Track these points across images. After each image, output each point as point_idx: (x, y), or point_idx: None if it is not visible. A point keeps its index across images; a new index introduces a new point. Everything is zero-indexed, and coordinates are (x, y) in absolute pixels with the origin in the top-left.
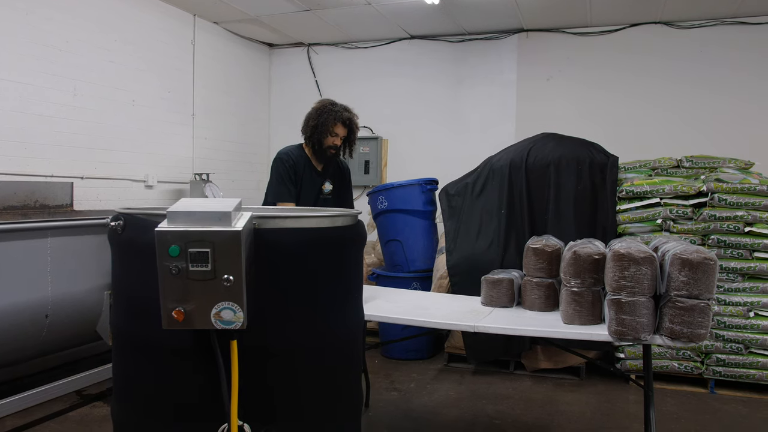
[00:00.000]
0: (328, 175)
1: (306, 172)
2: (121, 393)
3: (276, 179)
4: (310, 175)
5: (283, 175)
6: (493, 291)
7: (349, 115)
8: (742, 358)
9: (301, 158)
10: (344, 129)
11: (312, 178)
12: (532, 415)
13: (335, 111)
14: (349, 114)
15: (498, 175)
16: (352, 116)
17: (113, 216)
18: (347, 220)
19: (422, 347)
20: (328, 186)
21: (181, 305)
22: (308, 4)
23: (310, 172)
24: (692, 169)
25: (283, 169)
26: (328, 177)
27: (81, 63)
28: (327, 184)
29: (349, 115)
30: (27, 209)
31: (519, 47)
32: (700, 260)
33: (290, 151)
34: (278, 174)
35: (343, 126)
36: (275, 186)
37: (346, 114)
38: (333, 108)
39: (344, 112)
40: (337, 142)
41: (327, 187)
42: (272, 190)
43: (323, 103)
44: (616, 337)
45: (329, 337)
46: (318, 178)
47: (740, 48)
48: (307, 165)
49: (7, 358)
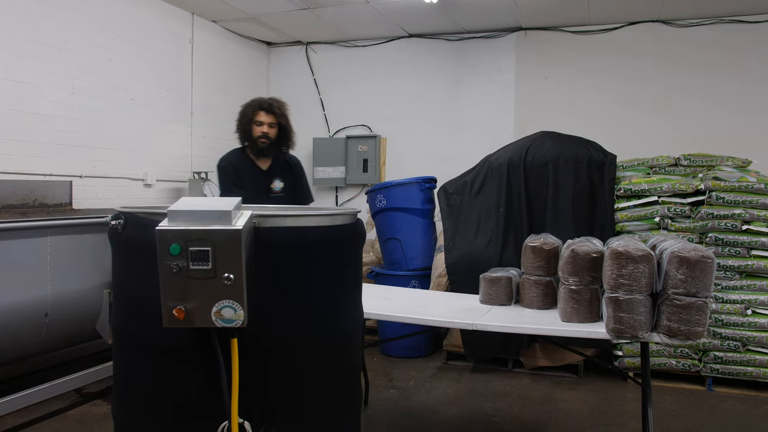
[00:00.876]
0: (277, 174)
1: (250, 173)
2: (121, 392)
3: (222, 188)
4: (254, 175)
5: (226, 183)
6: (492, 289)
7: (269, 100)
8: (739, 356)
9: (243, 161)
10: (267, 115)
11: (257, 178)
12: (531, 412)
13: (255, 100)
14: (269, 99)
15: (496, 173)
16: (273, 101)
17: (113, 215)
18: (347, 219)
19: (421, 345)
20: (278, 184)
21: (181, 304)
22: (307, 2)
23: (255, 173)
24: (690, 167)
25: (224, 176)
26: (276, 176)
27: (79, 62)
28: (276, 183)
29: (268, 100)
30: (26, 208)
31: (517, 46)
32: (698, 258)
33: (230, 156)
34: (222, 182)
35: (266, 112)
36: (222, 194)
37: (266, 99)
38: (253, 99)
39: (264, 99)
40: (264, 129)
41: (277, 185)
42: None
43: (247, 100)
44: (614, 334)
45: (329, 335)
46: (265, 178)
47: (738, 46)
48: (250, 166)
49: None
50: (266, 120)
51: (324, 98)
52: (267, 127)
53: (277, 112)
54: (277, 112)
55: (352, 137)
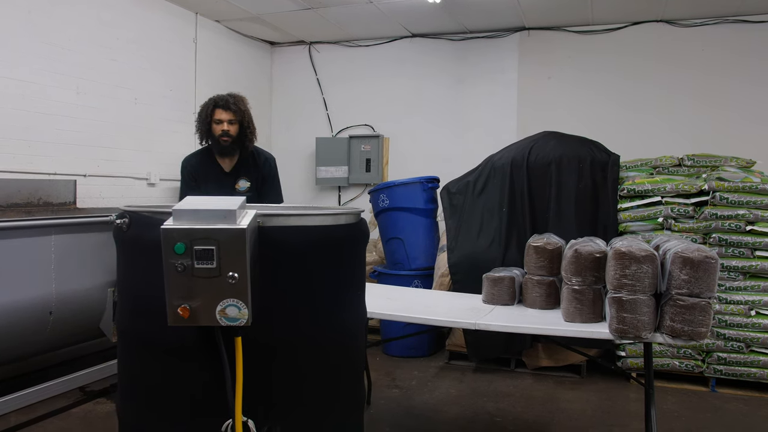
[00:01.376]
0: (242, 174)
1: (210, 173)
2: (126, 390)
3: (181, 189)
4: (216, 176)
5: (182, 184)
6: (495, 289)
7: (225, 96)
8: (743, 357)
9: (204, 160)
10: (226, 113)
11: (219, 178)
12: (533, 412)
13: (211, 98)
14: (226, 96)
15: (499, 173)
16: (230, 97)
17: (118, 214)
18: (350, 218)
19: (423, 345)
20: (243, 184)
21: (186, 302)
22: (310, 2)
23: (216, 173)
24: (694, 167)
25: (182, 177)
26: (241, 176)
27: (83, 61)
28: (241, 183)
29: (225, 96)
30: (30, 207)
31: (520, 45)
32: (702, 259)
33: (190, 157)
34: (181, 183)
35: (224, 110)
36: (180, 196)
37: (222, 97)
38: (210, 97)
39: (221, 96)
40: (224, 127)
41: (242, 185)
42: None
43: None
44: (617, 335)
45: (332, 334)
46: (228, 178)
47: (742, 46)
48: (212, 166)
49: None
50: (225, 117)
51: (327, 98)
52: (227, 125)
53: (234, 108)
54: (234, 108)
55: (354, 137)
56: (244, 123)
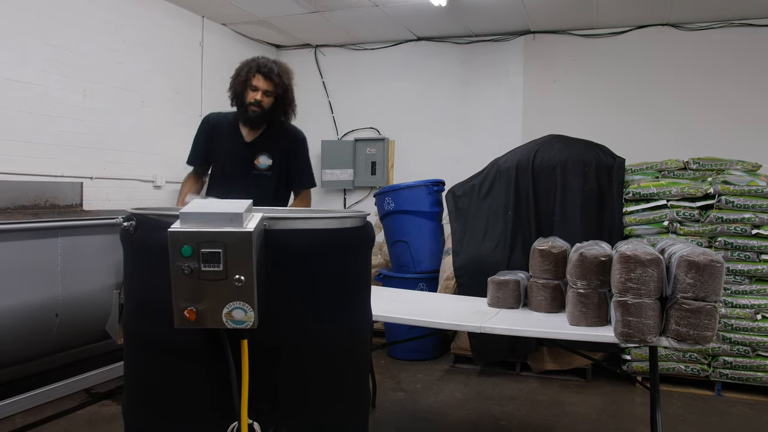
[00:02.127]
0: (264, 148)
1: (228, 140)
2: (132, 392)
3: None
4: (233, 145)
5: (195, 139)
6: (500, 292)
7: (270, 63)
8: (749, 361)
9: (225, 124)
10: (266, 82)
11: (236, 148)
12: (538, 416)
13: (255, 60)
14: (272, 62)
15: (504, 176)
16: (275, 65)
17: (126, 216)
18: (356, 222)
19: (428, 348)
20: (264, 161)
21: (192, 305)
22: (316, 6)
23: (235, 142)
24: (699, 171)
25: (197, 132)
26: (263, 150)
27: (90, 64)
28: (262, 159)
29: (270, 63)
30: (37, 209)
31: (525, 49)
32: (707, 262)
33: (216, 114)
34: (195, 137)
35: (265, 78)
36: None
37: (268, 61)
38: (254, 59)
39: (266, 60)
40: (258, 96)
41: (262, 161)
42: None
43: (246, 59)
44: (623, 338)
45: (337, 337)
46: (246, 150)
47: (747, 49)
48: (232, 133)
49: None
50: (263, 86)
51: (332, 101)
52: (261, 95)
53: (276, 79)
54: (276, 79)
55: (360, 140)
56: (283, 98)
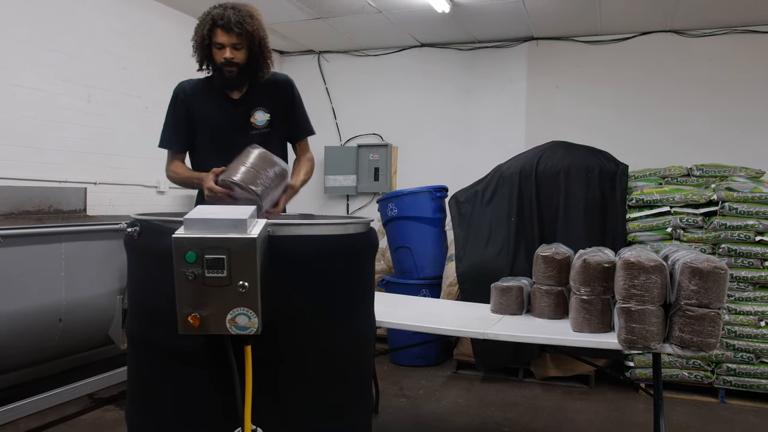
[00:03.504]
0: (257, 103)
1: (212, 101)
2: (135, 397)
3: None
4: (220, 104)
5: (167, 117)
6: (503, 298)
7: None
8: (752, 368)
9: (202, 90)
10: (228, 35)
11: (226, 111)
12: (541, 423)
13: (209, 14)
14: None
15: (508, 182)
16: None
17: (129, 222)
18: (360, 228)
19: (431, 354)
20: (260, 116)
21: (196, 311)
22: (319, 12)
23: (221, 102)
24: (703, 177)
25: (169, 108)
26: (256, 105)
27: (94, 70)
28: (258, 114)
29: (226, 14)
30: (41, 214)
31: (528, 55)
32: (711, 269)
33: (188, 81)
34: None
35: (224, 31)
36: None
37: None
38: (208, 12)
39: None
40: (227, 54)
41: (259, 118)
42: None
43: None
44: (626, 345)
45: (341, 343)
46: (238, 109)
47: (751, 56)
48: (214, 96)
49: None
50: (227, 41)
51: (336, 107)
52: (230, 51)
53: (237, 29)
54: (237, 29)
55: (363, 146)
56: (255, 46)
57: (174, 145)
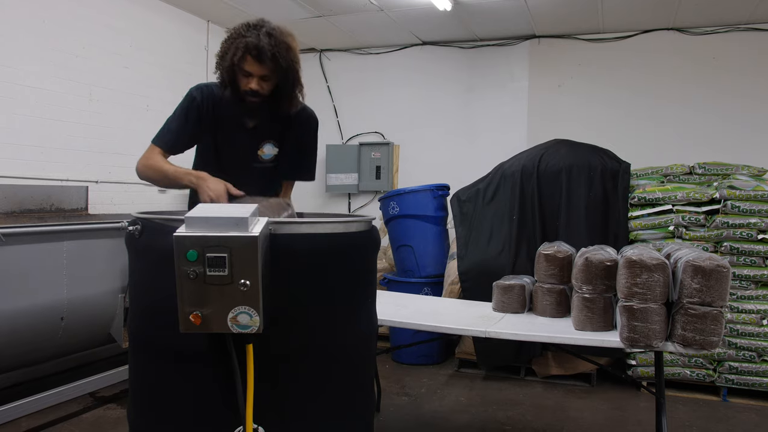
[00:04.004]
0: (270, 134)
1: (229, 121)
2: (137, 396)
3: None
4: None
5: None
6: (505, 297)
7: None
8: (755, 366)
9: (220, 102)
10: (260, 66)
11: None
12: (543, 421)
13: (242, 38)
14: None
15: (509, 181)
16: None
17: (131, 220)
18: (362, 226)
19: (433, 352)
20: (269, 150)
21: (198, 309)
22: (321, 10)
23: (236, 124)
24: (705, 175)
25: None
26: (268, 137)
27: (96, 68)
28: (267, 147)
29: (261, 45)
30: (43, 213)
31: (530, 53)
32: (713, 267)
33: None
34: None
35: (258, 62)
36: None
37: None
38: (240, 35)
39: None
40: (252, 85)
41: (267, 151)
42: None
43: (235, 28)
44: (628, 343)
45: (343, 341)
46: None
47: (754, 54)
48: (228, 113)
49: (23, 360)
50: (257, 71)
51: (337, 105)
52: (257, 82)
53: (269, 64)
54: (269, 64)
55: (365, 144)
56: (285, 82)
57: (171, 150)
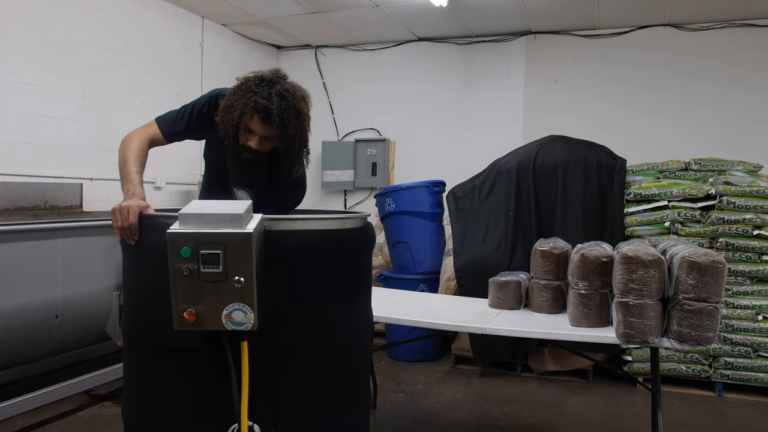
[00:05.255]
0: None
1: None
2: (131, 393)
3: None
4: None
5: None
6: (501, 293)
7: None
8: (750, 362)
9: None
10: (264, 127)
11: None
12: (539, 417)
13: (253, 95)
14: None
15: (505, 177)
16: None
17: None
18: (357, 222)
19: (429, 349)
20: (242, 195)
21: (192, 306)
22: (316, 6)
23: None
24: (700, 171)
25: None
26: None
27: (91, 65)
28: (241, 193)
29: (270, 106)
30: (37, 210)
31: (527, 49)
32: (709, 263)
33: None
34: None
35: (263, 123)
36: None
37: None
38: (251, 91)
39: (265, 100)
40: (252, 144)
41: (240, 195)
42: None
43: (247, 78)
44: (624, 339)
45: (338, 338)
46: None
47: (749, 50)
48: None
49: (18, 358)
50: (260, 132)
51: (333, 102)
52: (258, 142)
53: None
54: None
55: (360, 141)
56: (288, 149)
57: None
